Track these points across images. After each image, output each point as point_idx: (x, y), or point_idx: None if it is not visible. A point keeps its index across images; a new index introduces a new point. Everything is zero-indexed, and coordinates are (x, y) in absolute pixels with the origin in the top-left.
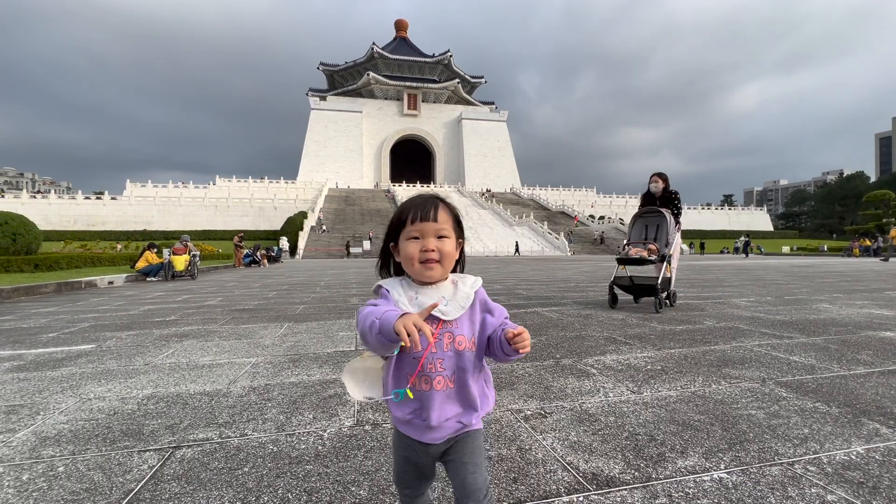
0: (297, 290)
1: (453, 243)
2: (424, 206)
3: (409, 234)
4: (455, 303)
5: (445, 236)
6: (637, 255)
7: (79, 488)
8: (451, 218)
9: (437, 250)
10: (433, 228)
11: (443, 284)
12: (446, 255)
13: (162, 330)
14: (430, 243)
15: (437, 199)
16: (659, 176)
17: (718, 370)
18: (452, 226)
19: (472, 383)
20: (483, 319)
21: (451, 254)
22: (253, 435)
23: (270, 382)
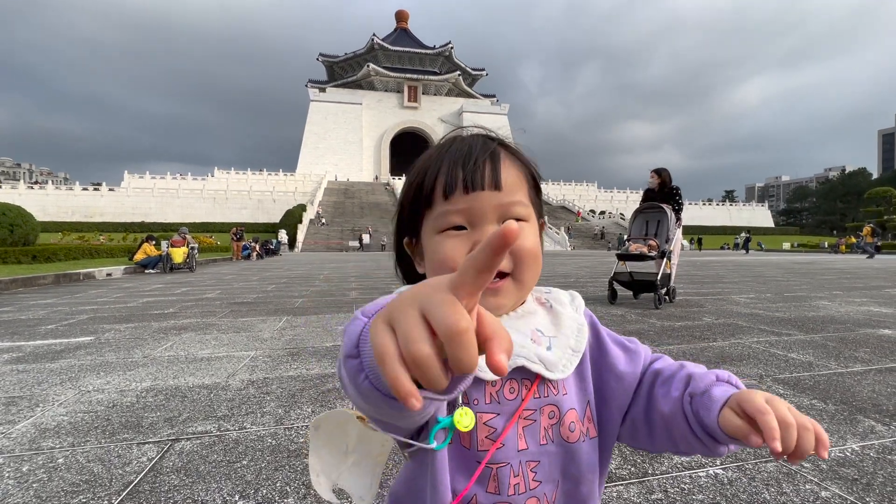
0: (296, 283)
1: (535, 231)
2: (471, 157)
3: (441, 218)
4: (562, 343)
5: (519, 219)
6: (637, 251)
7: (79, 480)
8: (526, 178)
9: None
10: (494, 205)
11: (526, 310)
12: (525, 260)
13: (160, 322)
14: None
15: (493, 141)
16: (656, 172)
17: (717, 366)
18: (529, 194)
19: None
20: (601, 371)
21: (531, 256)
22: (252, 428)
23: (269, 376)
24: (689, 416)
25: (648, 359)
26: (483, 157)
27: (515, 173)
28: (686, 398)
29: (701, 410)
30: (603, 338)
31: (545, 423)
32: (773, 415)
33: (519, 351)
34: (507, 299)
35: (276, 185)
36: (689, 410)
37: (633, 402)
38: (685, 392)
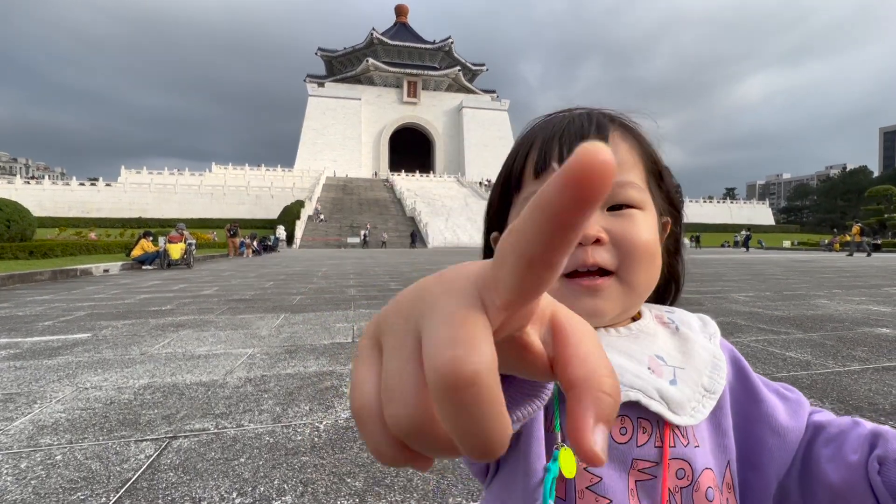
0: (295, 280)
1: (653, 224)
2: (570, 128)
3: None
4: (691, 377)
5: (631, 205)
6: None
7: (76, 477)
8: (643, 162)
9: (609, 240)
10: None
11: (642, 329)
12: (635, 254)
13: (158, 319)
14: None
15: (603, 117)
16: None
17: None
18: (645, 178)
19: None
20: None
21: (645, 251)
22: (249, 426)
23: (267, 374)
24: (879, 488)
25: (808, 408)
26: (589, 128)
27: (628, 150)
28: (872, 465)
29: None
30: (752, 379)
31: (671, 483)
32: None
33: (631, 381)
34: (609, 303)
35: (274, 180)
36: (877, 481)
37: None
38: (870, 456)
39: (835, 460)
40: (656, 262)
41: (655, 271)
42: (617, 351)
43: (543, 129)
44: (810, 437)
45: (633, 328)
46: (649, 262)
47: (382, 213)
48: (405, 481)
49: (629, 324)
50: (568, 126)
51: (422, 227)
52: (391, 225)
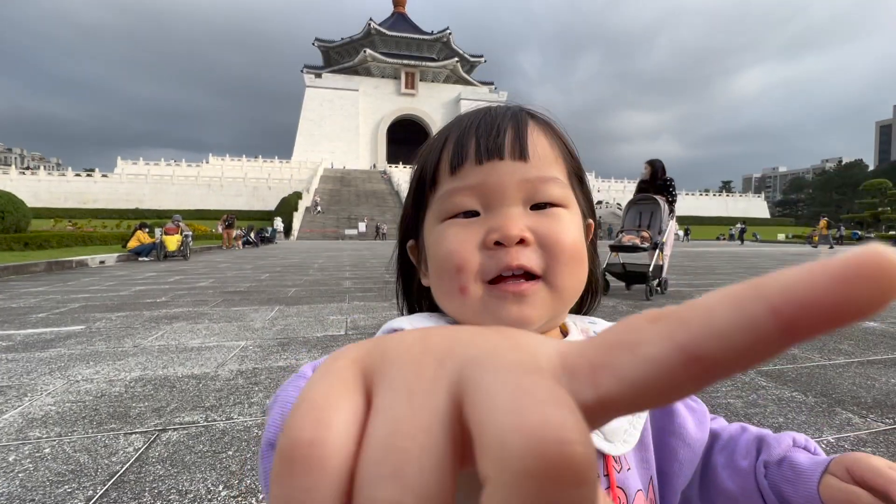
0: (291, 272)
1: (577, 224)
2: (487, 122)
3: (446, 199)
4: None
5: (556, 203)
6: (630, 243)
7: (64, 470)
8: (564, 158)
9: (534, 240)
10: (518, 179)
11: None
12: (561, 257)
13: (152, 311)
14: (511, 222)
15: (521, 111)
16: (649, 163)
17: None
18: (567, 174)
19: None
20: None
21: (571, 252)
22: (238, 419)
23: (258, 366)
24: (766, 491)
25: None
26: (504, 121)
27: (549, 144)
28: (759, 469)
29: (783, 484)
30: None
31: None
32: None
33: None
34: (537, 310)
35: (272, 172)
36: (764, 485)
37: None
38: (758, 461)
39: (728, 467)
40: (584, 264)
41: (583, 274)
42: None
43: (458, 123)
44: (708, 446)
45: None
46: (577, 263)
47: (380, 204)
48: None
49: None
50: (484, 118)
51: None
52: (389, 217)
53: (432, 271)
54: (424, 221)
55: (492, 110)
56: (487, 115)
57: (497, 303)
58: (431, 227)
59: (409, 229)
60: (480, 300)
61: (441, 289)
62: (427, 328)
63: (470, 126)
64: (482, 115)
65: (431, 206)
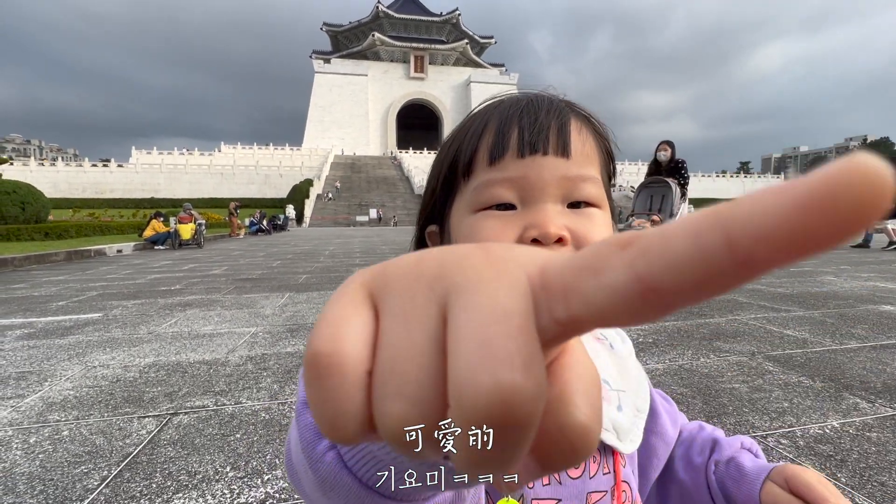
0: (301, 259)
1: (609, 223)
2: (531, 112)
3: (482, 190)
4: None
5: (590, 203)
6: (640, 226)
7: (81, 451)
8: (601, 156)
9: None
10: (559, 176)
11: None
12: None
13: (167, 299)
14: (550, 219)
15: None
16: (667, 144)
17: (710, 343)
18: (602, 174)
19: None
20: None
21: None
22: (247, 403)
23: (267, 352)
24: (713, 486)
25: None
26: (549, 115)
27: (590, 142)
28: (710, 466)
29: (728, 481)
30: (652, 393)
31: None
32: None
33: None
34: None
35: (283, 159)
36: (713, 480)
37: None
38: (710, 459)
39: (684, 459)
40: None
41: None
42: None
43: (499, 109)
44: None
45: None
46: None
47: (391, 190)
48: None
49: None
50: (527, 108)
51: None
52: (399, 203)
53: None
54: (452, 208)
55: (535, 100)
56: (531, 105)
57: None
58: (462, 216)
59: (431, 214)
60: None
61: None
62: (422, 251)
63: (512, 116)
64: (524, 105)
65: (463, 194)
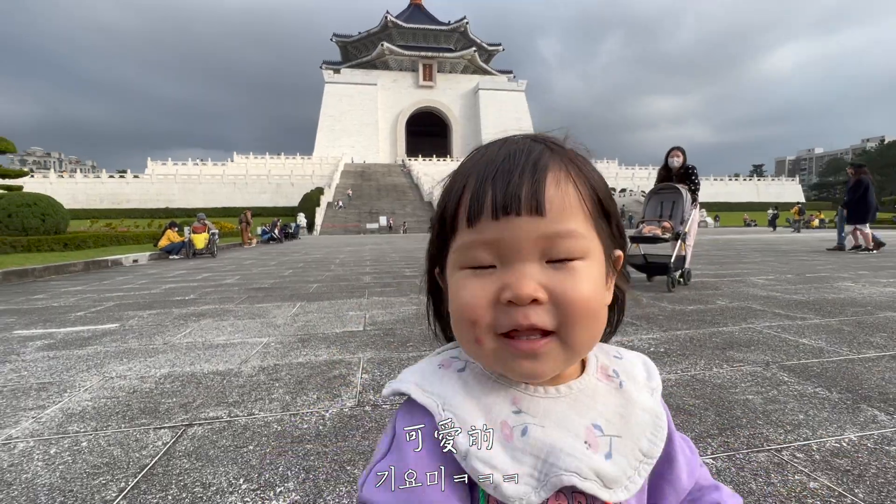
0: (312, 268)
1: (596, 273)
2: (505, 169)
3: (464, 252)
4: (627, 446)
5: (571, 258)
6: (650, 233)
7: (99, 462)
8: (589, 200)
9: (547, 298)
10: (534, 236)
11: (583, 388)
12: (574, 315)
13: (181, 309)
14: (523, 281)
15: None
16: (679, 150)
17: (723, 353)
18: (591, 222)
19: None
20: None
21: (585, 309)
22: (259, 414)
23: (279, 363)
24: None
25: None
26: (522, 169)
27: (571, 192)
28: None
29: None
30: (673, 439)
31: None
32: None
33: (567, 463)
34: (548, 365)
35: (294, 168)
36: None
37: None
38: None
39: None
40: (600, 319)
41: (599, 328)
42: (554, 422)
43: (477, 166)
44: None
45: (574, 387)
46: (591, 319)
47: (400, 198)
48: None
49: (570, 380)
50: (502, 166)
51: None
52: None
53: (451, 315)
54: (447, 258)
55: (511, 157)
56: (506, 163)
57: (510, 357)
58: (452, 270)
59: (434, 259)
60: (493, 352)
61: (458, 334)
62: None
63: (487, 177)
64: (500, 164)
65: (452, 249)
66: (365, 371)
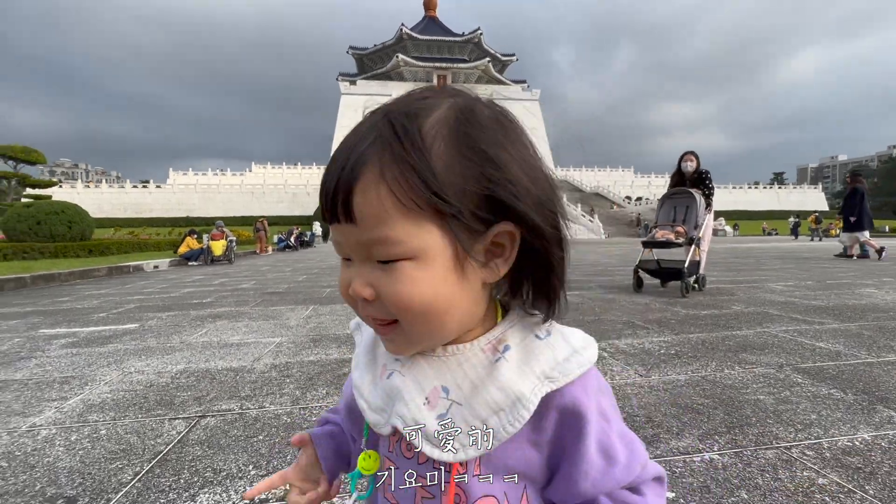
0: (326, 274)
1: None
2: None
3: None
4: (468, 414)
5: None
6: (663, 238)
7: (117, 449)
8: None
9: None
10: (353, 242)
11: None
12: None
13: (198, 311)
14: (354, 282)
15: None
16: (692, 154)
17: (735, 355)
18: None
19: None
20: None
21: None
22: (270, 407)
23: (291, 360)
24: None
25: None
26: (342, 171)
27: (385, 196)
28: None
29: None
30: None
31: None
32: None
33: (399, 408)
34: (404, 345)
35: (310, 178)
36: None
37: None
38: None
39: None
40: (436, 313)
41: (438, 319)
42: (412, 375)
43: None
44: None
45: (451, 351)
46: (423, 315)
47: None
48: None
49: (460, 344)
50: (327, 172)
51: None
52: None
53: None
54: None
55: (334, 161)
56: (329, 169)
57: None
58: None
59: None
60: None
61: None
62: None
63: (325, 175)
64: (336, 157)
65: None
66: None
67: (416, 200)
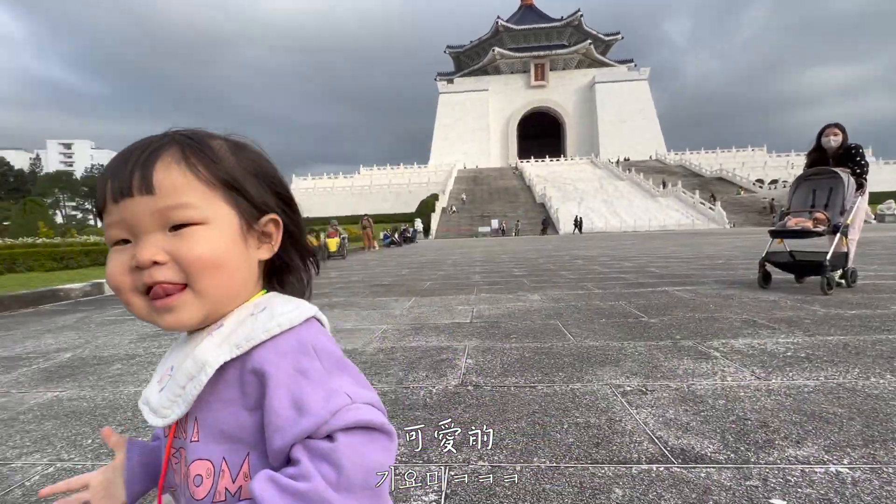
0: (427, 268)
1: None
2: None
3: (106, 234)
4: (173, 384)
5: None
6: (798, 227)
7: None
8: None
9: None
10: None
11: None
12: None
13: (317, 301)
14: (143, 250)
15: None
16: (837, 127)
17: (888, 363)
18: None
19: None
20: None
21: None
22: (377, 385)
23: (395, 345)
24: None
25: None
26: (136, 159)
27: (182, 172)
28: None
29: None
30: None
31: (174, 465)
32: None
33: (144, 392)
34: (187, 314)
35: (411, 177)
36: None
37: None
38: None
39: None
40: (227, 269)
41: (228, 277)
42: (164, 362)
43: (109, 163)
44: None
45: (194, 335)
46: (215, 270)
47: (512, 201)
48: (497, 439)
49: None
50: (119, 158)
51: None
52: (521, 212)
53: None
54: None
55: (131, 150)
56: (123, 156)
57: (156, 312)
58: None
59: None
60: (144, 309)
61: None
62: None
63: (108, 168)
64: (118, 157)
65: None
66: (469, 356)
67: (210, 177)
